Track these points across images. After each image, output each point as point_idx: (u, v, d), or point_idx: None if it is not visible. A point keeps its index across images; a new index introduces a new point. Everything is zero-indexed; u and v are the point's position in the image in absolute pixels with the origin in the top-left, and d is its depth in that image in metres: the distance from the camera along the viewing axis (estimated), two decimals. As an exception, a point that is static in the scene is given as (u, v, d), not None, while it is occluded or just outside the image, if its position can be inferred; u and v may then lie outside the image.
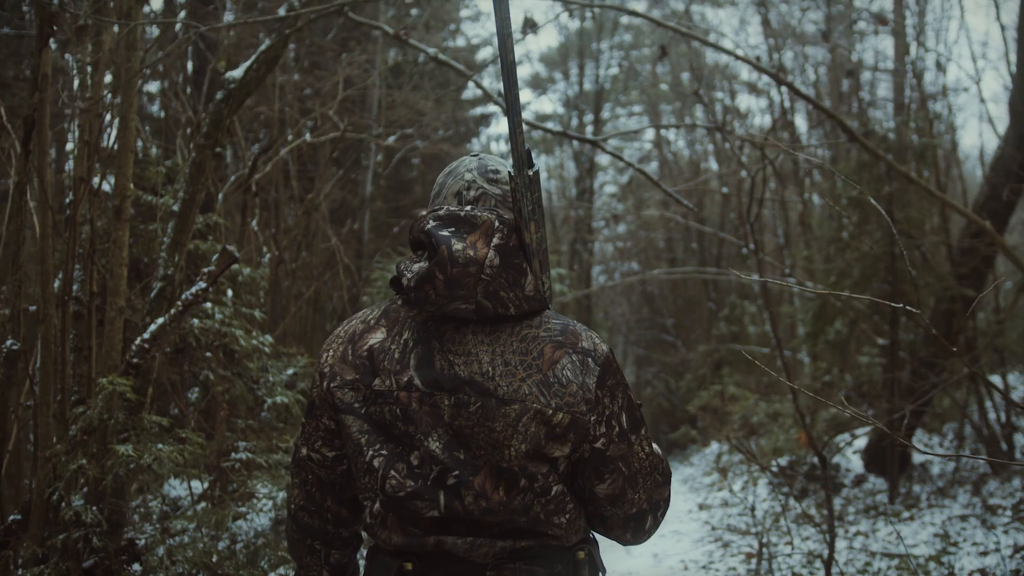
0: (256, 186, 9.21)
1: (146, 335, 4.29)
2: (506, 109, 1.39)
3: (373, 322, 1.48)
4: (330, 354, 1.48)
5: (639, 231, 22.98)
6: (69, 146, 7.41)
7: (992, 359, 7.24)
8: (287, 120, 9.40)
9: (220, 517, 4.25)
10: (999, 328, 6.94)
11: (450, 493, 1.36)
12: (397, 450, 1.40)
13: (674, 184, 21.71)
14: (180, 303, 4.29)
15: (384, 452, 1.40)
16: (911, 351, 7.08)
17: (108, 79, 4.98)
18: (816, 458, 8.41)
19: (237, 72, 4.64)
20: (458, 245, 1.35)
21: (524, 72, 24.97)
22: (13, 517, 4.12)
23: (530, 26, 3.94)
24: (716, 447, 14.69)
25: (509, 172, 1.43)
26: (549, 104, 27.12)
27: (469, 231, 1.37)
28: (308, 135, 9.32)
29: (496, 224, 1.38)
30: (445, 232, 1.37)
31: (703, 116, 16.46)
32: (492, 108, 22.23)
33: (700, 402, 13.66)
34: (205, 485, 6.43)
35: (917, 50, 8.47)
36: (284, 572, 5.17)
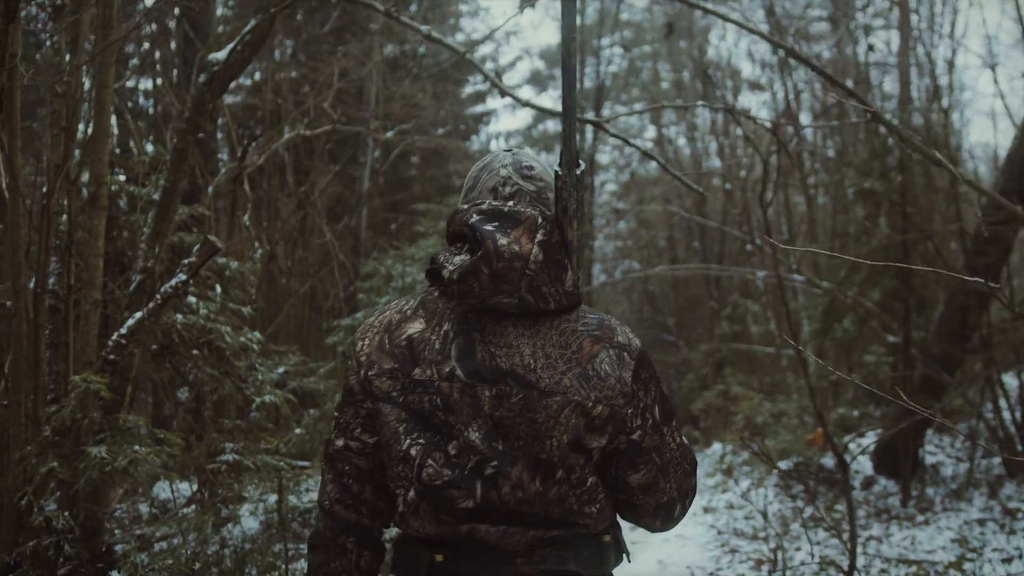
0: (248, 180, 9.00)
1: (123, 330, 4.06)
2: (564, 110, 1.41)
3: (410, 312, 1.49)
4: (366, 343, 1.49)
5: (640, 229, 22.76)
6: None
7: (1008, 357, 7.01)
8: (282, 113, 9.18)
9: (201, 522, 4.01)
10: (1015, 324, 6.70)
11: (487, 483, 1.39)
12: (435, 439, 1.42)
13: (675, 184, 21.50)
14: (159, 296, 4.06)
15: (421, 441, 1.42)
16: (922, 348, 6.85)
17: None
18: (824, 460, 8.17)
19: (221, 54, 4.41)
20: (503, 240, 1.37)
21: (524, 68, 24.79)
22: (-19, 523, 3.89)
23: (528, 2, 3.72)
24: (719, 447, 14.45)
25: (556, 170, 1.45)
26: (549, 101, 26.89)
27: (513, 226, 1.40)
28: (302, 129, 9.09)
29: (540, 220, 1.41)
30: (489, 227, 1.39)
31: (715, 99, 16.22)
32: (492, 106, 22.01)
33: (704, 402, 13.43)
34: (194, 488, 6.20)
35: (930, 38, 8.23)
36: (271, 579, 4.94)
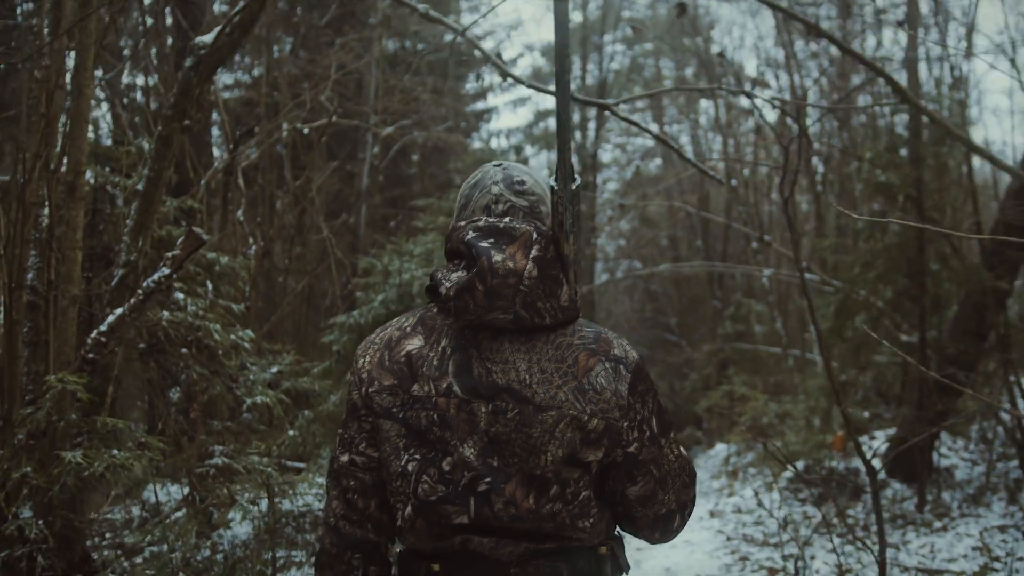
0: (244, 176, 8.77)
1: (103, 327, 3.84)
2: (558, 127, 1.42)
3: (409, 329, 1.50)
4: (367, 360, 1.50)
5: (642, 228, 22.53)
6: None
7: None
8: (279, 108, 8.96)
9: (184, 530, 3.79)
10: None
11: (480, 499, 1.39)
12: (430, 455, 1.42)
13: (678, 182, 21.26)
14: (141, 292, 3.84)
15: (418, 457, 1.43)
16: (938, 348, 6.62)
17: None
18: (835, 463, 7.94)
19: (208, 37, 4.19)
20: (498, 256, 1.38)
21: (525, 65, 24.51)
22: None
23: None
24: (722, 449, 14.24)
25: (551, 185, 1.46)
26: (551, 98, 26.69)
27: (508, 243, 1.40)
28: (299, 123, 8.87)
29: (534, 236, 1.41)
30: (485, 243, 1.40)
31: (731, 80, 15.98)
32: (492, 103, 21.78)
33: (708, 403, 13.20)
34: (186, 491, 5.98)
35: (946, 22, 7.98)
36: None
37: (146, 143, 6.39)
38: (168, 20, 8.24)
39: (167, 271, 3.83)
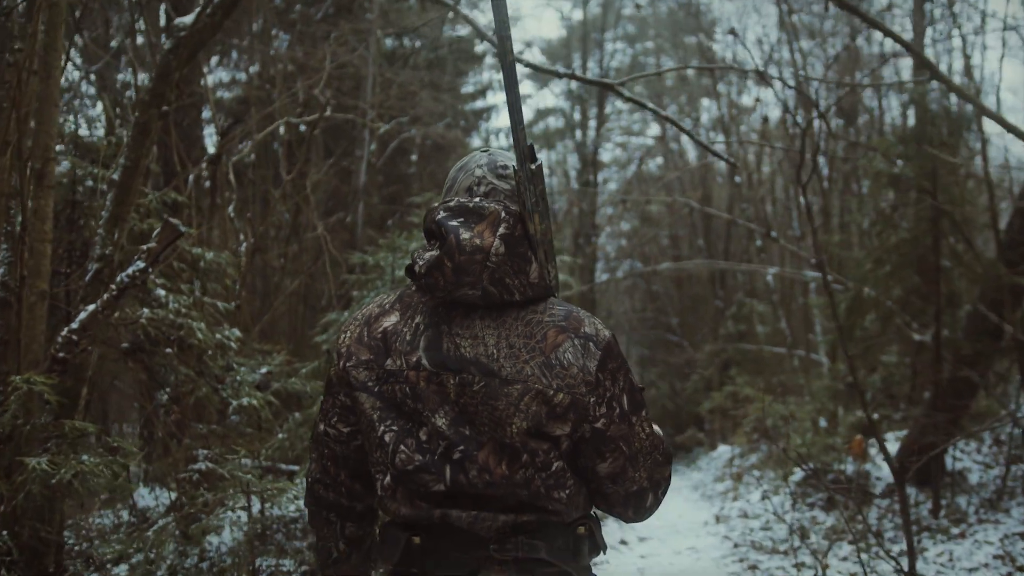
0: (239, 174, 8.54)
1: (74, 325, 3.61)
2: (508, 108, 1.45)
3: (388, 306, 1.55)
4: (347, 335, 1.55)
5: (643, 227, 22.30)
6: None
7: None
8: (274, 102, 8.72)
9: (159, 540, 3.56)
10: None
11: (455, 467, 1.42)
12: (407, 426, 1.47)
13: (680, 180, 21.03)
14: (114, 287, 3.61)
15: (395, 428, 1.47)
16: (952, 347, 6.38)
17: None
18: (844, 466, 7.71)
19: (187, 18, 3.96)
20: (465, 234, 1.41)
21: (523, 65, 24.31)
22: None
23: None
24: (725, 451, 14.02)
25: (513, 167, 1.52)
26: (551, 97, 26.43)
27: (477, 221, 1.44)
28: (294, 116, 8.63)
29: (503, 215, 1.44)
30: (454, 222, 1.43)
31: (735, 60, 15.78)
32: (492, 101, 21.53)
33: (712, 404, 12.97)
34: (173, 496, 5.75)
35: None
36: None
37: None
38: (163, 20, 8.01)
39: (142, 265, 3.60)
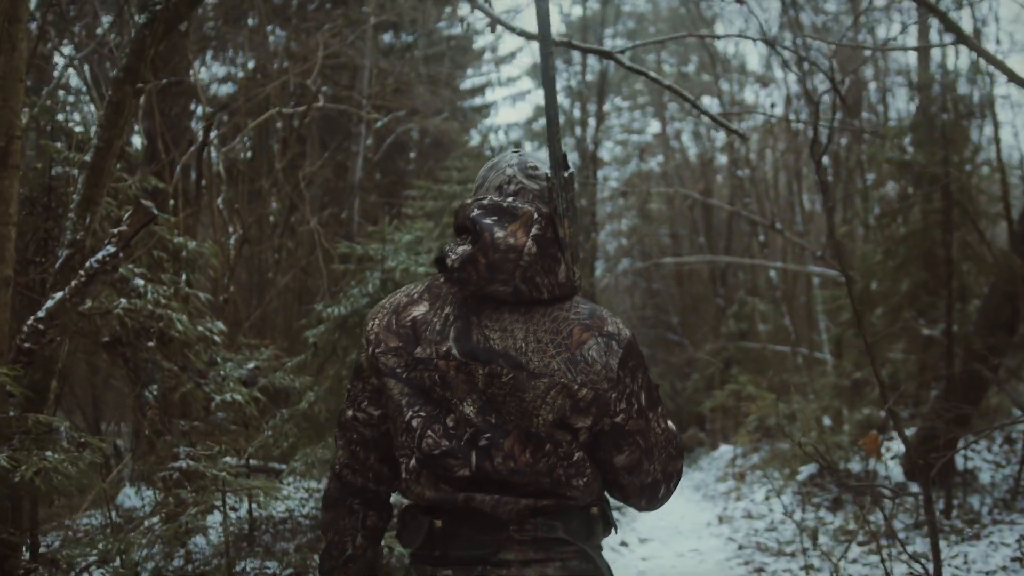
0: (226, 164, 8.33)
1: (41, 313, 3.40)
2: (547, 119, 1.54)
3: (416, 296, 1.60)
4: (376, 323, 1.60)
5: (643, 225, 22.10)
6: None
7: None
8: (267, 88, 8.51)
9: (125, 545, 3.35)
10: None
11: (481, 453, 1.49)
12: (435, 412, 1.52)
13: (680, 177, 20.83)
14: (83, 273, 3.40)
15: (423, 413, 1.52)
16: (964, 342, 6.17)
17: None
18: (852, 464, 7.50)
19: (164, -10, 3.75)
20: (500, 233, 1.49)
21: (524, 61, 24.09)
22: None
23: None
24: (727, 450, 13.81)
25: (546, 173, 1.57)
26: (550, 94, 26.18)
27: (510, 221, 1.51)
28: (284, 108, 8.42)
29: (535, 216, 1.51)
30: (488, 220, 1.51)
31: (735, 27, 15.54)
32: (491, 98, 21.31)
33: (714, 402, 12.77)
34: (159, 496, 5.55)
35: None
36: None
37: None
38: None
39: (113, 249, 3.39)
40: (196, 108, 8.89)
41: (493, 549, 1.50)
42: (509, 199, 1.55)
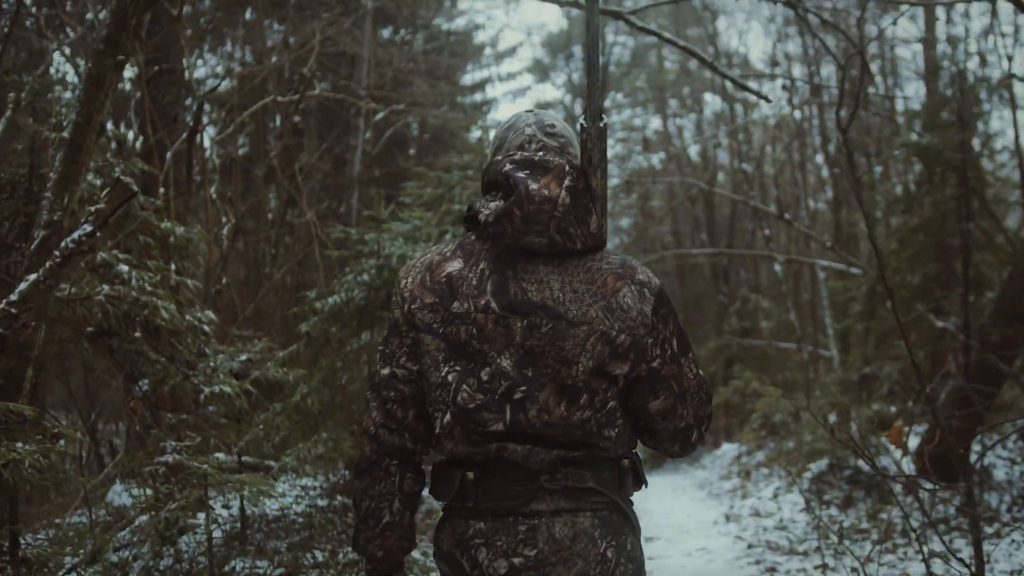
0: (230, 168, 8.15)
1: (13, 296, 3.20)
2: (588, 67, 1.60)
3: (449, 253, 1.63)
4: (409, 280, 1.63)
5: (644, 223, 21.89)
6: None
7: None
8: (263, 74, 8.31)
9: (99, 544, 3.15)
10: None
11: (516, 407, 1.51)
12: (469, 367, 1.54)
13: (682, 174, 20.60)
14: (58, 253, 3.20)
15: (458, 368, 1.54)
16: (982, 334, 5.97)
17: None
18: (859, 463, 7.29)
19: (147, -43, 3.55)
20: (534, 185, 1.51)
21: (525, 56, 23.90)
22: None
23: None
24: (729, 449, 13.61)
25: (581, 124, 1.62)
26: (552, 90, 25.98)
27: (543, 174, 1.53)
28: (279, 97, 8.23)
29: (567, 168, 1.54)
30: (521, 174, 1.53)
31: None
32: (491, 94, 21.09)
33: (718, 399, 12.56)
34: (147, 492, 5.36)
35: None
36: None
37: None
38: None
39: (89, 228, 3.19)
40: (190, 101, 8.71)
41: (524, 500, 1.53)
42: (540, 153, 1.57)
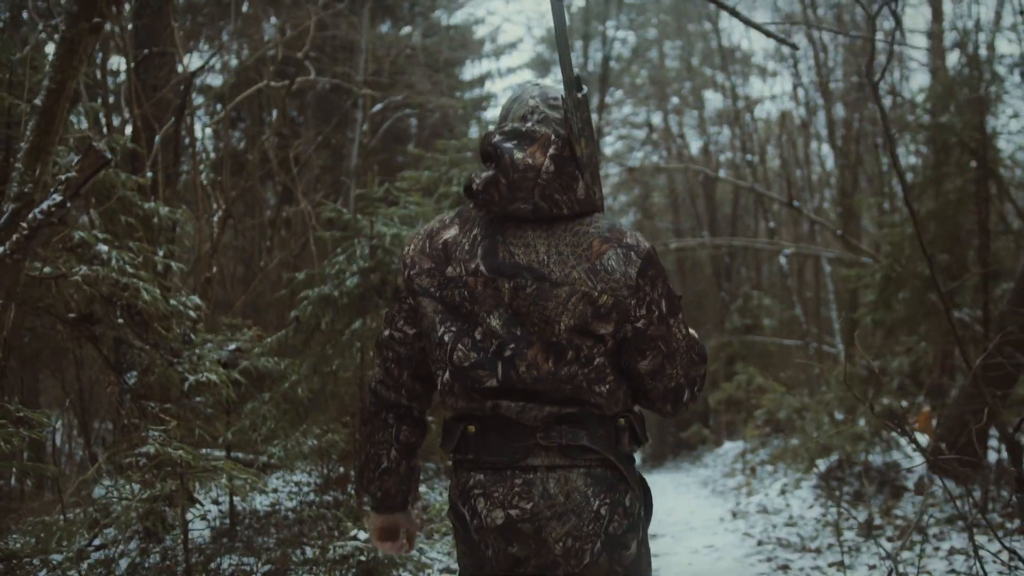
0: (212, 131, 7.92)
1: (-23, 271, 2.98)
2: (557, 39, 1.62)
3: (448, 221, 1.72)
4: (411, 248, 1.73)
5: (644, 220, 21.70)
6: None
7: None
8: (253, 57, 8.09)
9: (67, 532, 2.94)
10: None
11: (507, 364, 1.59)
12: (464, 327, 1.63)
13: (685, 175, 20.39)
14: (25, 225, 2.99)
15: (453, 329, 1.63)
16: (998, 323, 5.75)
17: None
18: (872, 456, 7.07)
19: (124, -87, 3.33)
20: (519, 154, 1.59)
21: (525, 52, 23.71)
22: None
23: None
24: (731, 447, 13.41)
25: (560, 95, 1.67)
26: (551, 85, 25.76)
27: (529, 143, 1.61)
28: (273, 82, 8.01)
29: (552, 137, 1.61)
30: (508, 144, 1.61)
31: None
32: (490, 90, 20.91)
33: (722, 394, 12.37)
34: (129, 486, 5.15)
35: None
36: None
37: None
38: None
39: (59, 198, 2.97)
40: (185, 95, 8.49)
41: (521, 455, 1.60)
42: (528, 123, 1.63)
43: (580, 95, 1.60)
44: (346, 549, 3.42)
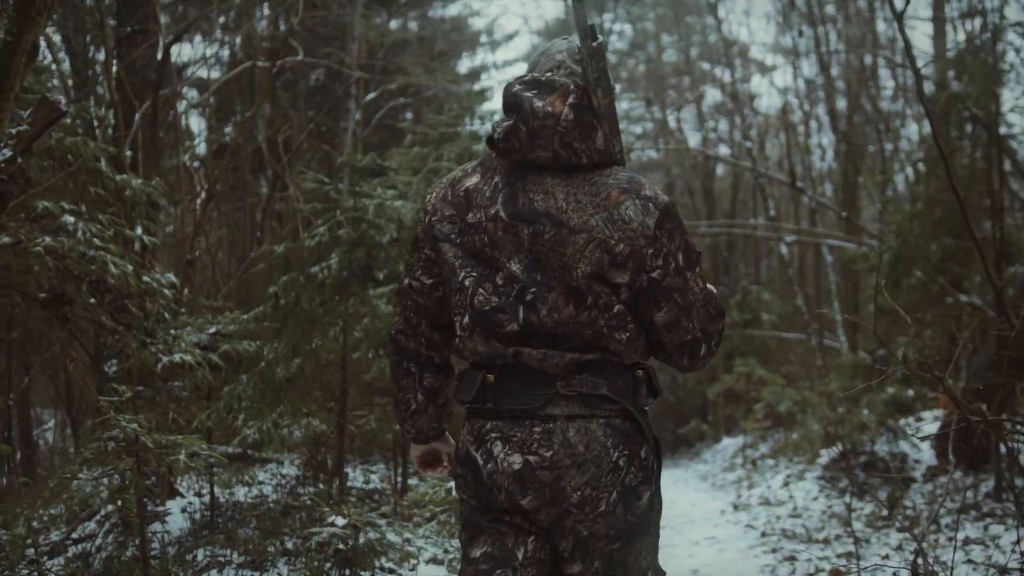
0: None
1: (-79, 234, 2.75)
2: None
3: (470, 169, 1.74)
4: (434, 195, 1.74)
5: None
6: None
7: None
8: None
9: (8, 519, 2.71)
10: None
11: (528, 308, 1.60)
12: (485, 272, 1.64)
13: (682, 169, 20.17)
14: (-28, 182, 2.75)
15: (474, 274, 1.65)
16: (1013, 307, 5.52)
17: None
18: (878, 447, 6.86)
19: None
20: (538, 103, 1.61)
21: (522, 45, 23.53)
22: None
23: None
24: (730, 443, 13.20)
25: (576, 46, 1.69)
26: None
27: (548, 92, 1.62)
28: (260, 61, 7.78)
29: (571, 87, 1.62)
30: (528, 93, 1.63)
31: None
32: (488, 83, 20.68)
33: (722, 386, 12.15)
34: (116, 479, 4.93)
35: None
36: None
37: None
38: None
39: (9, 154, 2.74)
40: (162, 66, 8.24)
41: (541, 403, 1.60)
42: (548, 73, 1.65)
43: (595, 44, 1.60)
44: (322, 536, 3.19)
